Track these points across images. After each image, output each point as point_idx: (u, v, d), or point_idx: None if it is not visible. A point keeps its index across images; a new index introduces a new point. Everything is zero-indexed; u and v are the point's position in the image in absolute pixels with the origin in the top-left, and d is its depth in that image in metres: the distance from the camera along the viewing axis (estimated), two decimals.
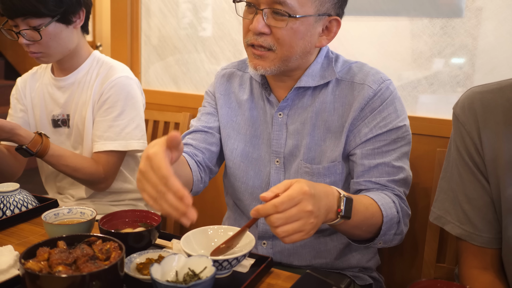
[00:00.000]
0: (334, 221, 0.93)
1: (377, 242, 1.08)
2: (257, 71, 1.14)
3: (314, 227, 0.86)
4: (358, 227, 1.01)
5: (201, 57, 2.07)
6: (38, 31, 1.46)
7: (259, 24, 1.09)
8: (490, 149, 0.97)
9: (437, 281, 0.81)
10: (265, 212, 0.83)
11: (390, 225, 1.07)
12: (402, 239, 1.14)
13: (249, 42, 1.13)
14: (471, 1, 1.51)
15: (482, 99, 1.00)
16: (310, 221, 0.84)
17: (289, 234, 0.83)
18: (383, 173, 1.14)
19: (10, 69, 5.05)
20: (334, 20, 1.15)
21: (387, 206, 1.07)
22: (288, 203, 0.82)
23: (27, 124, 1.69)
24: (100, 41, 4.65)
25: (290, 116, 1.21)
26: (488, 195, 0.99)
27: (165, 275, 0.85)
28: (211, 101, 1.35)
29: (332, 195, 0.92)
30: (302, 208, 0.83)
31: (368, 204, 1.04)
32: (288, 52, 1.12)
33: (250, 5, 1.11)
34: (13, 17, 1.45)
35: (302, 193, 0.83)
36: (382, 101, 1.15)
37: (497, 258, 1.01)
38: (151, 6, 2.16)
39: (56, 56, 1.56)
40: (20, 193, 1.24)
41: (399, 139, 1.16)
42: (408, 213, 1.15)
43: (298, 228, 0.83)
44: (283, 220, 0.82)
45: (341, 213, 0.92)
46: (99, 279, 0.76)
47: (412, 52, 1.62)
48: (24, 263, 0.78)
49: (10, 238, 1.11)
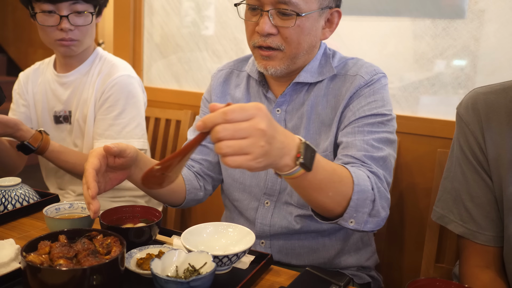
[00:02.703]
0: (292, 169, 0.81)
1: (348, 219, 0.96)
2: (268, 72, 1.15)
3: (263, 154, 0.73)
4: (323, 189, 0.91)
5: (203, 55, 2.08)
6: (91, 14, 1.53)
7: (266, 25, 1.09)
8: (493, 148, 0.98)
9: (436, 280, 0.82)
10: (211, 121, 0.71)
11: (363, 200, 0.97)
12: (380, 225, 1.03)
13: (256, 44, 1.13)
14: (474, 3, 1.51)
15: (486, 99, 1.01)
16: (260, 143, 0.72)
17: (234, 153, 0.71)
18: (361, 149, 1.08)
19: (12, 65, 5.05)
20: (335, 11, 1.17)
21: (360, 177, 0.97)
22: (239, 113, 0.71)
23: (29, 119, 1.69)
24: (103, 38, 4.65)
25: (288, 112, 1.22)
26: (491, 193, 1.00)
27: (165, 270, 0.85)
28: (205, 109, 1.36)
29: (291, 137, 0.81)
30: (254, 124, 0.72)
31: (336, 167, 0.95)
32: (296, 50, 1.13)
33: (254, 7, 1.11)
34: (60, 0, 1.47)
35: (256, 108, 0.73)
36: (371, 89, 1.14)
37: (498, 256, 1.02)
38: (154, 4, 2.16)
39: (84, 47, 1.61)
40: (21, 188, 1.25)
41: (382, 124, 1.12)
42: (387, 197, 1.04)
43: (245, 147, 0.71)
44: (230, 132, 0.71)
45: (300, 158, 0.80)
46: (100, 273, 0.77)
47: (414, 53, 1.62)
48: (25, 256, 0.79)
49: (11, 232, 1.12)
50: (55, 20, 1.50)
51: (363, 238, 1.29)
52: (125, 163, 1.02)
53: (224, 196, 1.37)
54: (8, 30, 5.08)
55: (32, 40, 4.76)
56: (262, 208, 1.24)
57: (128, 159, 1.02)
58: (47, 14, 1.50)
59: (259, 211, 1.24)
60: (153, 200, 1.80)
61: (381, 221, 1.02)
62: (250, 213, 1.26)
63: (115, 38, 2.27)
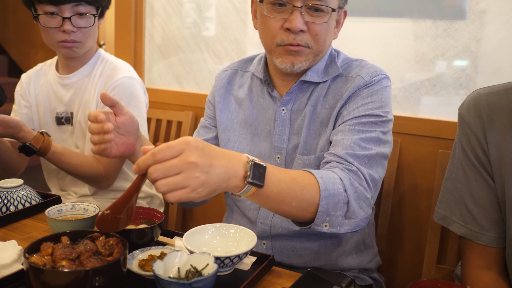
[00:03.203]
0: (243, 188, 0.83)
1: (320, 223, 0.96)
2: (294, 68, 1.14)
3: (202, 185, 0.75)
4: (284, 200, 0.90)
5: (204, 56, 2.08)
6: (94, 16, 1.54)
7: (298, 21, 1.08)
8: (495, 149, 0.98)
9: (438, 281, 0.82)
10: (144, 163, 0.74)
11: (334, 204, 0.95)
12: (359, 225, 1.01)
13: (285, 42, 1.11)
14: (475, 4, 1.51)
15: (488, 100, 1.01)
16: (195, 175, 0.74)
17: (171, 189, 0.74)
18: (346, 147, 1.05)
19: (14, 66, 5.07)
20: (343, 12, 1.20)
21: (328, 181, 0.95)
22: (167, 152, 0.74)
23: (30, 120, 1.70)
24: (104, 40, 4.66)
25: (294, 112, 1.22)
26: (493, 194, 1.00)
27: (167, 272, 0.86)
28: (208, 112, 1.36)
29: (236, 158, 0.82)
30: (184, 159, 0.74)
31: (297, 176, 0.93)
32: (322, 47, 1.14)
33: (282, 3, 1.10)
34: (63, 2, 1.48)
35: (183, 143, 0.75)
36: (370, 90, 1.13)
37: (500, 257, 1.02)
38: (155, 5, 2.17)
39: (86, 48, 1.61)
40: (23, 189, 1.25)
41: (375, 124, 1.10)
42: (365, 196, 1.01)
43: (180, 182, 0.73)
44: (162, 171, 0.73)
45: (248, 178, 0.82)
46: (102, 274, 0.77)
47: (415, 54, 1.62)
48: (28, 257, 0.79)
49: (13, 233, 1.12)
50: (57, 21, 1.50)
51: (365, 240, 1.29)
52: (126, 123, 1.08)
53: (227, 195, 1.37)
54: (9, 31, 5.09)
55: (33, 41, 4.77)
56: (264, 208, 1.24)
57: (128, 118, 1.08)
58: (49, 15, 1.50)
59: (260, 211, 1.24)
60: (155, 202, 1.80)
61: (360, 222, 1.01)
62: (252, 213, 1.26)
63: (116, 39, 2.27)
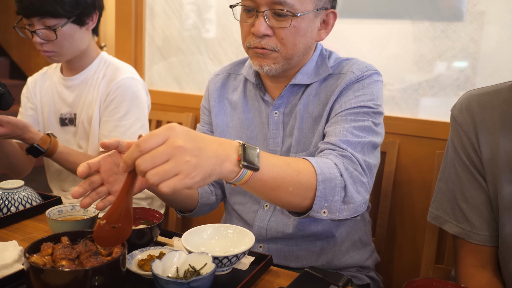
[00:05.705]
0: (239, 173, 0.80)
1: (319, 210, 0.93)
2: (263, 70, 1.14)
3: (194, 168, 0.71)
4: (281, 186, 0.87)
5: (204, 58, 2.09)
6: (54, 31, 1.50)
7: (261, 26, 1.09)
8: (487, 148, 0.99)
9: (433, 280, 0.83)
10: (130, 157, 0.70)
11: (332, 188, 0.93)
12: (358, 211, 0.99)
13: (251, 45, 1.13)
14: (472, 5, 1.52)
15: (479, 101, 1.02)
16: (184, 158, 0.70)
17: (162, 178, 0.69)
18: (339, 135, 1.06)
19: (15, 68, 5.08)
20: (331, 13, 1.17)
21: (323, 166, 0.94)
22: (151, 140, 0.70)
23: (36, 122, 1.74)
24: (105, 41, 4.67)
25: (286, 115, 1.22)
26: (485, 194, 1.01)
27: (166, 271, 0.86)
28: (204, 117, 1.37)
29: (227, 143, 0.80)
30: (170, 144, 0.70)
31: (291, 160, 0.91)
32: (292, 51, 1.13)
33: (249, 9, 1.12)
34: (30, 16, 1.49)
35: (168, 129, 0.71)
36: (360, 84, 1.14)
37: (494, 256, 1.02)
38: (155, 7, 2.18)
39: (67, 56, 1.60)
40: (24, 190, 1.26)
41: (366, 115, 1.11)
42: (361, 180, 1.00)
43: (171, 169, 0.69)
44: (150, 161, 0.69)
45: (243, 161, 0.78)
46: (102, 274, 0.78)
47: (413, 55, 1.63)
48: (28, 257, 0.80)
49: (14, 234, 1.13)
50: (30, 33, 1.53)
51: (361, 239, 1.30)
52: None
53: (225, 199, 1.38)
54: (10, 34, 5.10)
55: None
56: (262, 211, 1.25)
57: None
58: (27, 27, 1.54)
59: (258, 213, 1.25)
60: (156, 203, 1.81)
61: (359, 207, 0.98)
62: (249, 216, 1.27)
63: (116, 41, 2.29)
